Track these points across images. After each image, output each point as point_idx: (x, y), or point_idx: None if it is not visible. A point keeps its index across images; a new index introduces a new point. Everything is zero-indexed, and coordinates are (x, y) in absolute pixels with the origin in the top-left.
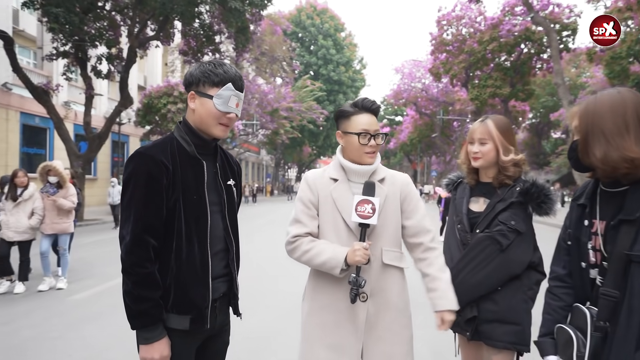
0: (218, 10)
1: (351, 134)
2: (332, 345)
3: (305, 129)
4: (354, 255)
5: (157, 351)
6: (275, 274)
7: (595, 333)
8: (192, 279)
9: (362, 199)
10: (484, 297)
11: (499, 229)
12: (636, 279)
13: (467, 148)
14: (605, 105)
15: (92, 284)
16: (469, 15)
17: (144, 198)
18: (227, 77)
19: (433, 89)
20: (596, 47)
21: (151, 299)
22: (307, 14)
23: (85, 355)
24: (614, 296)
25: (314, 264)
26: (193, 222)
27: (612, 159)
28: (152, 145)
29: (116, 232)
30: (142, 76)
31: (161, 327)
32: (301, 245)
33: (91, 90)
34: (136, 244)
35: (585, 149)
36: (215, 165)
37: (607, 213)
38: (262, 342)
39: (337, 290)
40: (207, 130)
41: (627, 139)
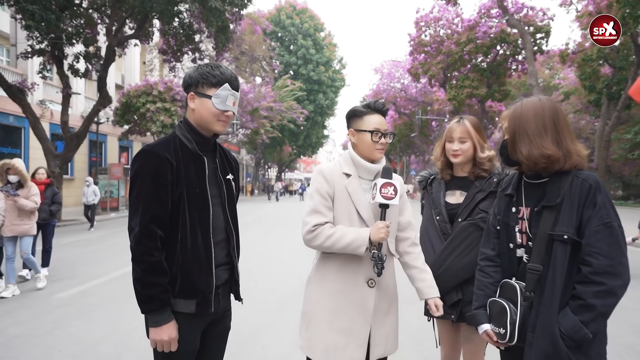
0: (198, 10)
1: (364, 132)
2: (341, 329)
3: (285, 128)
4: (378, 232)
5: (165, 333)
6: (257, 272)
7: (525, 302)
8: (196, 266)
9: (385, 182)
10: (467, 281)
11: (480, 216)
12: (558, 254)
13: (444, 146)
14: (529, 111)
15: (75, 283)
16: (447, 17)
17: (151, 192)
18: (224, 78)
19: (412, 89)
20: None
21: (159, 284)
22: (286, 13)
23: (75, 350)
24: (539, 270)
25: (338, 247)
26: (196, 214)
27: (534, 155)
28: (157, 143)
29: (91, 233)
30: (120, 75)
31: (169, 311)
32: (323, 231)
33: (68, 89)
34: (145, 235)
35: (513, 147)
36: (214, 160)
37: (530, 200)
38: (249, 336)
39: (346, 276)
40: (207, 127)
41: (545, 139)
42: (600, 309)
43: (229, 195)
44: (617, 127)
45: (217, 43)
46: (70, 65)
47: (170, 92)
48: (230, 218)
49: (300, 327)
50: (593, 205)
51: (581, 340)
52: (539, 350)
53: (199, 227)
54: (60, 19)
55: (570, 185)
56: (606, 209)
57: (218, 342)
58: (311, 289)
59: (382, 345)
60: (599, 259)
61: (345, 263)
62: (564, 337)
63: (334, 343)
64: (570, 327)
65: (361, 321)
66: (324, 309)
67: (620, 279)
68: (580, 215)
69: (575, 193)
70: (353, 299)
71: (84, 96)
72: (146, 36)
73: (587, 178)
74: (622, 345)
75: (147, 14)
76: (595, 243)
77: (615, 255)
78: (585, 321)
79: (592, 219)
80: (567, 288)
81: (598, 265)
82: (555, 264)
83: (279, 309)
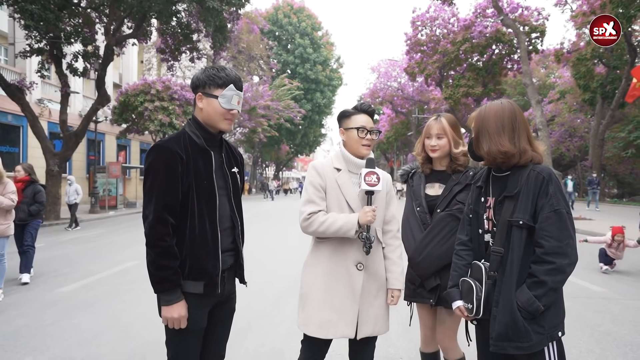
0: (196, 9)
1: (351, 129)
2: (333, 307)
3: (282, 127)
4: (365, 216)
5: (176, 311)
6: (253, 267)
7: (488, 281)
8: (204, 251)
9: (368, 170)
10: (445, 267)
11: (458, 207)
12: (515, 238)
13: (424, 142)
14: (491, 112)
15: (78, 277)
16: (443, 17)
17: (163, 183)
18: (229, 79)
19: (408, 88)
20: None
21: (171, 267)
22: (284, 12)
23: (80, 339)
24: (500, 252)
25: (331, 231)
26: (204, 204)
27: (492, 151)
28: (168, 139)
29: (87, 231)
30: (118, 74)
31: (179, 291)
32: (317, 218)
33: (67, 87)
34: (158, 222)
35: (477, 144)
36: (221, 155)
37: (496, 191)
38: (246, 325)
39: (337, 260)
40: (214, 125)
41: (503, 137)
42: (551, 284)
43: (234, 186)
44: (611, 125)
45: (215, 42)
46: (68, 64)
47: (168, 91)
48: (235, 207)
49: (298, 308)
50: (545, 194)
51: (535, 312)
52: (500, 322)
53: (206, 215)
54: (59, 19)
55: (527, 177)
56: (556, 197)
57: (224, 321)
58: (307, 271)
59: (371, 324)
60: (550, 241)
61: (337, 248)
62: (520, 309)
63: (327, 319)
64: (525, 300)
65: (350, 301)
66: (318, 289)
67: (567, 258)
68: (535, 203)
69: (531, 184)
70: (343, 280)
71: (82, 95)
72: (144, 35)
73: (542, 171)
74: (602, 333)
75: (145, 13)
76: (547, 227)
77: (564, 238)
78: (538, 295)
79: (545, 207)
80: (523, 267)
81: (549, 247)
82: (513, 247)
83: (274, 302)
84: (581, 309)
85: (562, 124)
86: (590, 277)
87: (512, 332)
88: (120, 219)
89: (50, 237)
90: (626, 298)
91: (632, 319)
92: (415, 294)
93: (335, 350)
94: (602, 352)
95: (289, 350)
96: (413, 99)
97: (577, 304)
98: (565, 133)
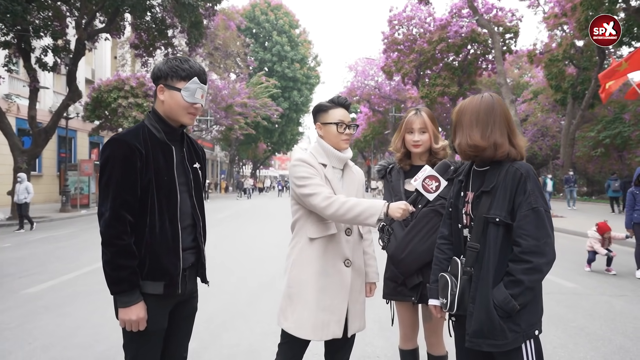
0: (170, 4)
1: (330, 124)
2: (326, 307)
3: (260, 125)
4: (397, 209)
5: (134, 313)
6: (230, 263)
7: (464, 276)
8: (164, 250)
9: (433, 175)
10: (428, 264)
11: (440, 202)
12: (491, 234)
13: (404, 137)
14: (469, 106)
15: (45, 278)
16: (419, 16)
17: (120, 178)
18: (193, 71)
19: (385, 86)
20: (536, 49)
21: (128, 267)
22: (261, 9)
23: (46, 343)
24: (476, 248)
25: (351, 215)
26: (164, 200)
27: (462, 144)
28: (126, 132)
29: (44, 232)
30: (90, 69)
31: (137, 292)
32: (338, 199)
33: (36, 82)
34: (115, 219)
35: (453, 136)
36: (182, 150)
37: (475, 185)
38: (221, 324)
39: (328, 258)
40: (176, 118)
41: (475, 131)
42: (527, 283)
43: (195, 183)
44: (582, 125)
45: (190, 38)
46: (37, 58)
47: (143, 87)
48: (197, 204)
49: (284, 310)
50: (523, 192)
51: (510, 311)
52: (476, 319)
53: (166, 212)
54: (26, 11)
55: (506, 173)
56: (535, 195)
57: (185, 322)
58: (297, 271)
59: (357, 320)
60: (527, 240)
61: (328, 245)
62: (496, 307)
63: (322, 320)
64: (501, 299)
65: (340, 298)
66: (312, 289)
67: (545, 257)
68: (512, 200)
69: (508, 180)
70: (334, 278)
71: (52, 91)
72: (117, 30)
73: (520, 167)
74: (575, 328)
75: (118, 7)
76: (524, 226)
77: (541, 237)
78: (514, 294)
79: (522, 205)
80: (500, 265)
81: (526, 246)
82: (489, 244)
83: (249, 301)
84: (554, 304)
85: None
86: (562, 273)
87: (488, 329)
88: (92, 218)
89: (18, 237)
90: (596, 293)
91: (603, 314)
92: (395, 292)
93: (312, 350)
94: (575, 347)
95: (265, 350)
96: (390, 97)
97: (550, 299)
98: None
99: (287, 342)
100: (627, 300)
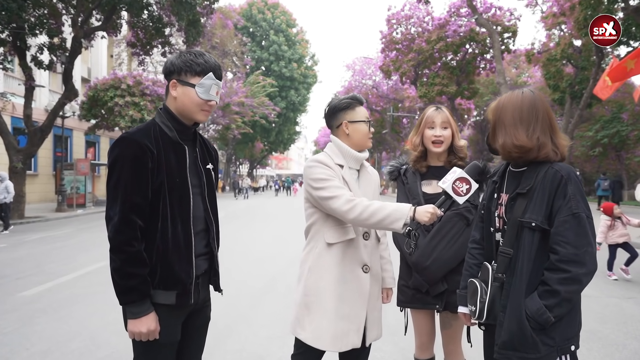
0: (168, 2)
1: (360, 122)
2: (345, 316)
3: (257, 124)
4: (425, 213)
5: (144, 325)
6: (230, 265)
7: (495, 283)
8: (176, 257)
9: (463, 177)
10: (452, 270)
11: (465, 206)
12: (526, 240)
13: (423, 133)
14: (509, 103)
15: (42, 280)
16: (418, 15)
17: (130, 180)
18: (208, 66)
19: (383, 86)
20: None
21: (139, 275)
22: (258, 8)
23: (44, 348)
24: (509, 253)
25: (375, 219)
26: (177, 204)
27: (507, 145)
28: (136, 130)
29: (41, 232)
30: (86, 68)
31: (148, 302)
32: (361, 202)
33: (31, 81)
34: (124, 224)
35: (493, 137)
36: (195, 149)
37: (510, 188)
38: (225, 329)
39: (346, 264)
40: (190, 116)
41: (519, 130)
42: (564, 294)
43: (208, 184)
44: (580, 125)
45: (188, 37)
46: (33, 56)
47: (140, 86)
48: (210, 208)
49: (301, 320)
50: (563, 196)
51: (544, 323)
52: (507, 330)
53: (179, 217)
54: (22, 8)
55: (544, 175)
56: (576, 200)
57: (199, 333)
58: (314, 278)
59: (375, 329)
60: (566, 247)
61: (346, 250)
62: (529, 319)
63: (341, 330)
64: (535, 310)
65: (359, 306)
66: (331, 297)
67: (585, 267)
68: (551, 204)
69: (547, 182)
70: (353, 285)
71: (48, 89)
72: (114, 28)
73: (561, 169)
74: (585, 332)
75: (115, 5)
76: (563, 232)
77: (581, 245)
78: (549, 305)
79: (562, 209)
80: (534, 272)
81: (564, 254)
82: (523, 249)
83: (252, 304)
84: None
85: None
86: None
87: (518, 341)
88: (89, 218)
89: (14, 237)
90: (604, 295)
91: (614, 317)
92: (415, 299)
93: None
94: (588, 352)
95: (270, 355)
96: (388, 97)
97: None
98: None
99: (301, 353)
100: (636, 302)
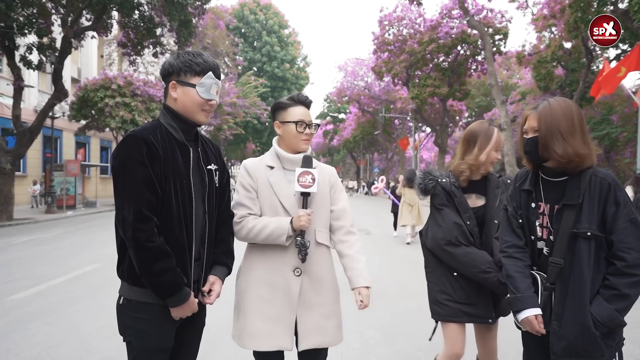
0: (159, 2)
1: (289, 123)
2: (268, 317)
3: (249, 125)
4: (299, 220)
5: (189, 309)
6: None
7: (545, 292)
8: (177, 259)
9: (302, 171)
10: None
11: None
12: (583, 249)
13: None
14: (559, 111)
15: (31, 283)
16: (410, 17)
17: (141, 177)
18: (208, 66)
19: (375, 87)
20: (525, 51)
21: (168, 269)
22: (250, 9)
23: (33, 354)
24: (560, 264)
25: (261, 237)
26: (182, 206)
27: (568, 154)
28: (143, 128)
29: (30, 234)
30: (76, 68)
31: (185, 289)
32: (247, 223)
33: (20, 81)
34: (141, 221)
35: (546, 146)
36: (197, 150)
37: (550, 197)
38: (218, 332)
39: (272, 266)
40: (191, 117)
41: (577, 139)
42: (633, 297)
43: (209, 186)
44: None
45: (179, 37)
46: (22, 56)
47: (130, 86)
48: (207, 210)
49: (233, 318)
50: (616, 203)
51: (618, 327)
52: (566, 337)
53: (183, 219)
54: (10, 8)
55: (589, 183)
56: (628, 206)
57: (193, 338)
58: (240, 279)
59: (317, 335)
60: (631, 253)
61: (271, 253)
62: (599, 325)
63: (260, 330)
64: (607, 315)
65: (286, 309)
66: (252, 298)
67: None
68: (601, 212)
69: (595, 191)
70: (279, 287)
71: (37, 89)
72: (104, 28)
73: (606, 177)
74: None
75: (105, 5)
76: (626, 239)
77: None
78: (620, 309)
79: (619, 217)
80: (594, 280)
81: (631, 259)
82: (580, 259)
83: None
84: None
85: None
86: None
87: (582, 347)
88: (79, 219)
89: (2, 240)
90: None
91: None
92: (462, 313)
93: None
94: None
95: None
96: (380, 98)
97: None
98: None
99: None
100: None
